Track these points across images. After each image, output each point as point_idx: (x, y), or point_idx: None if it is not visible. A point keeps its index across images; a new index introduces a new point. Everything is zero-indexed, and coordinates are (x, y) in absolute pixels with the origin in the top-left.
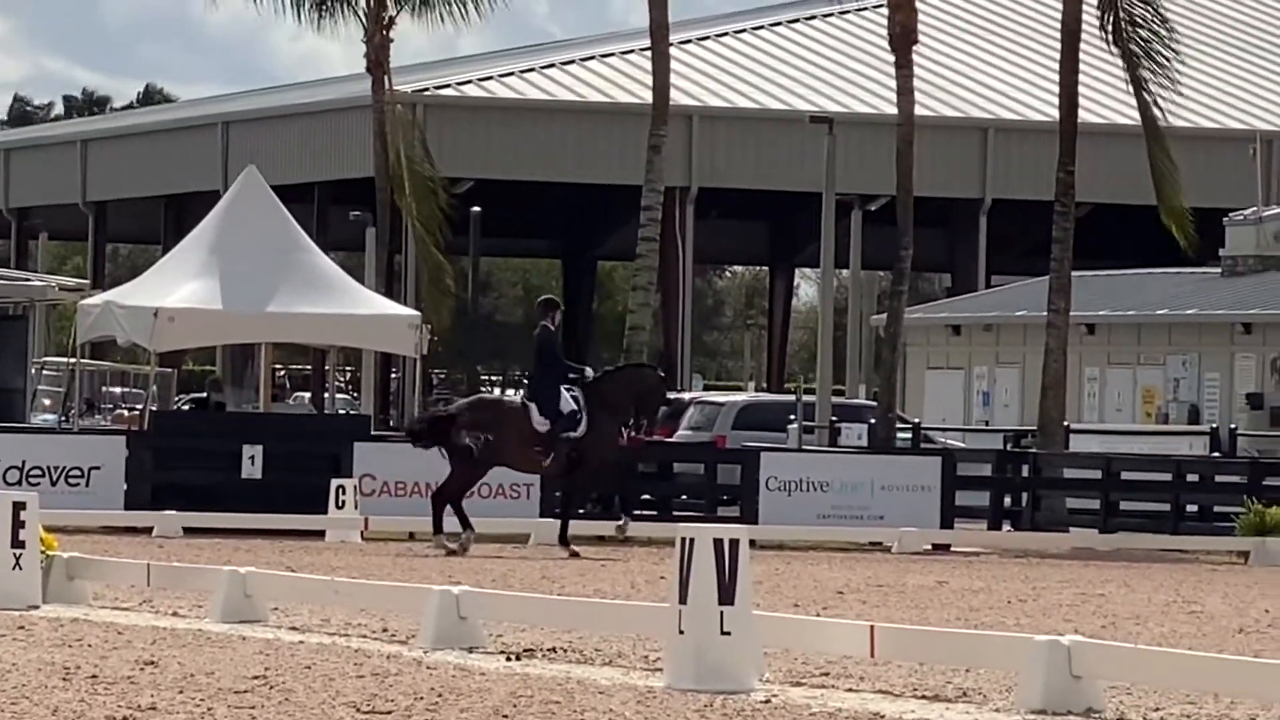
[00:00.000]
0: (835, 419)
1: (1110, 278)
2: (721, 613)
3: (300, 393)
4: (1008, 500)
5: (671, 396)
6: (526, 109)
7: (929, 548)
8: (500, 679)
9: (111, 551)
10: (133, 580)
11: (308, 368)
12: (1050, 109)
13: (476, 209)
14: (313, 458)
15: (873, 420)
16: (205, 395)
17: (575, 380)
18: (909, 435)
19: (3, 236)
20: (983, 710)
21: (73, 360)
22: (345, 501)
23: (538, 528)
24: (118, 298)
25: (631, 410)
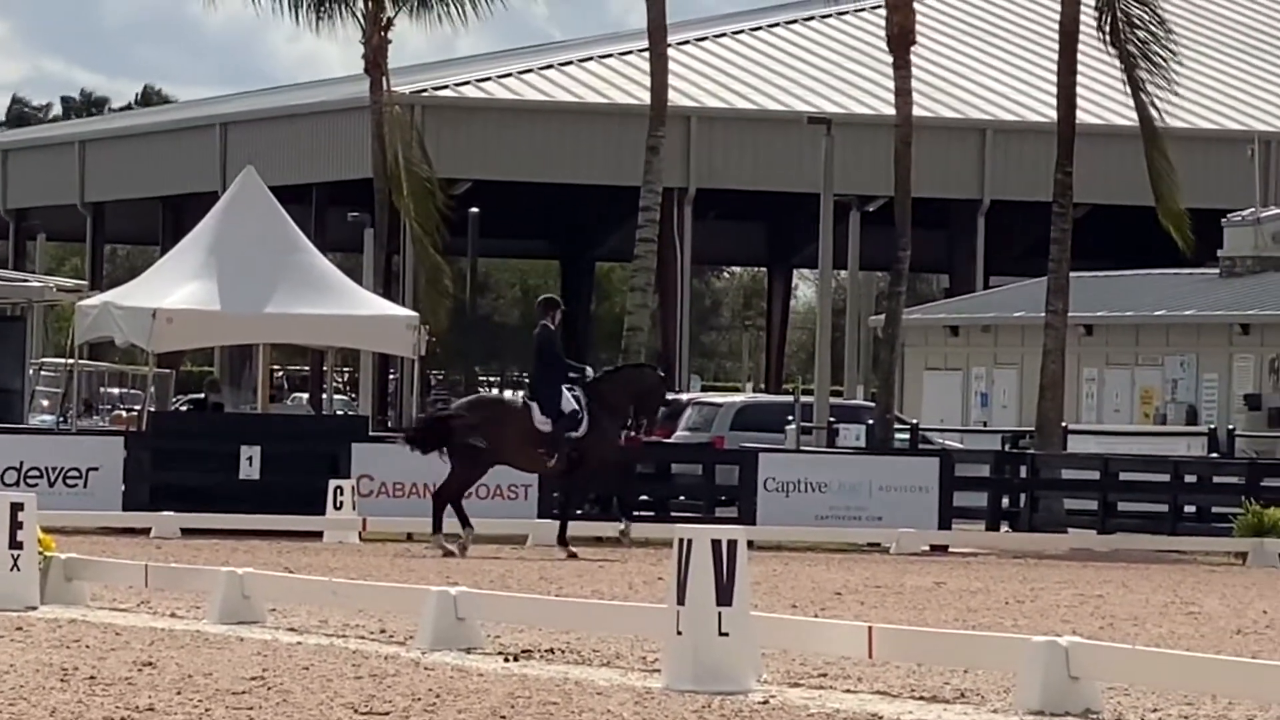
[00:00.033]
0: (833, 420)
1: (1108, 279)
2: (719, 613)
3: (298, 394)
4: (1006, 501)
5: (670, 397)
6: (524, 110)
7: (927, 549)
8: (498, 680)
9: (109, 552)
10: (131, 581)
11: (306, 369)
12: (1048, 110)
13: (474, 210)
14: (311, 458)
15: (871, 421)
16: (203, 396)
17: (576, 380)
18: (907, 436)
19: (1, 237)
20: (980, 711)
21: (71, 361)
22: (343, 502)
23: (535, 529)
24: (116, 298)
25: (631, 410)
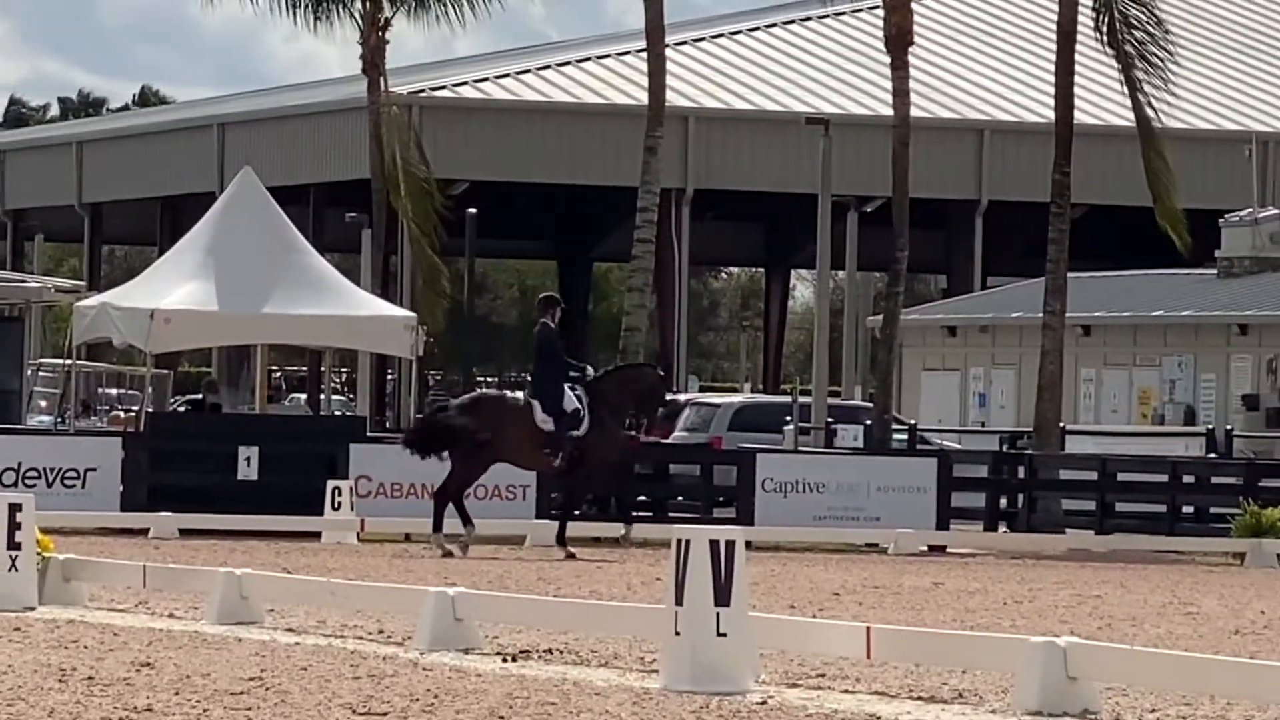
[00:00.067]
0: (831, 420)
1: (1106, 279)
2: (717, 614)
3: (296, 394)
4: (1004, 502)
5: (668, 398)
6: (522, 110)
7: (925, 549)
8: (496, 680)
9: (107, 553)
10: (129, 582)
11: (304, 369)
12: (1046, 110)
13: (472, 210)
14: (309, 459)
15: (869, 422)
16: (201, 397)
17: (576, 379)
18: (905, 437)
19: None
20: (979, 712)
21: (69, 362)
22: (341, 503)
23: (534, 529)
24: (114, 299)
25: (631, 409)
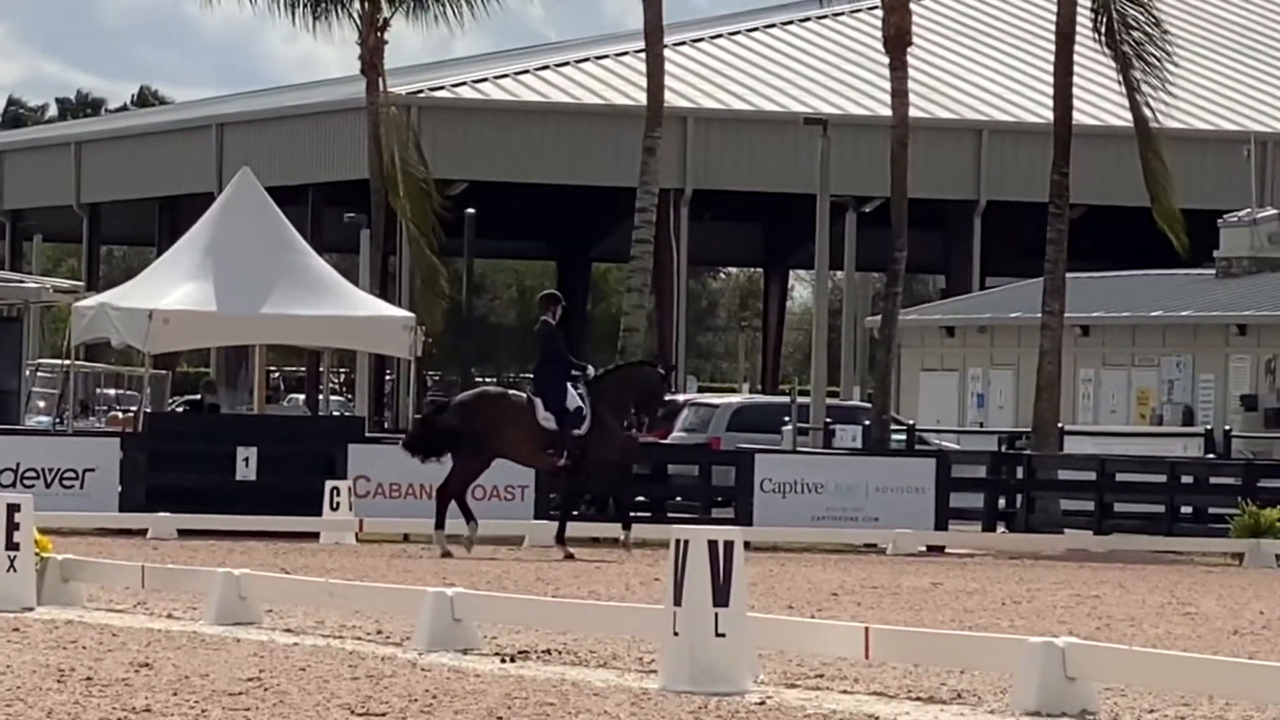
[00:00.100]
0: (830, 421)
1: (1105, 279)
2: (716, 614)
3: (294, 394)
4: (1002, 502)
5: (667, 398)
6: (521, 111)
7: (923, 549)
8: (495, 681)
9: (106, 553)
10: (127, 582)
11: (302, 370)
12: (1045, 111)
13: (471, 211)
14: (307, 459)
15: (867, 422)
16: (199, 397)
17: (577, 378)
18: (903, 437)
19: None
20: (977, 712)
21: (67, 362)
22: (340, 503)
23: (532, 529)
24: (112, 300)
25: (632, 408)
